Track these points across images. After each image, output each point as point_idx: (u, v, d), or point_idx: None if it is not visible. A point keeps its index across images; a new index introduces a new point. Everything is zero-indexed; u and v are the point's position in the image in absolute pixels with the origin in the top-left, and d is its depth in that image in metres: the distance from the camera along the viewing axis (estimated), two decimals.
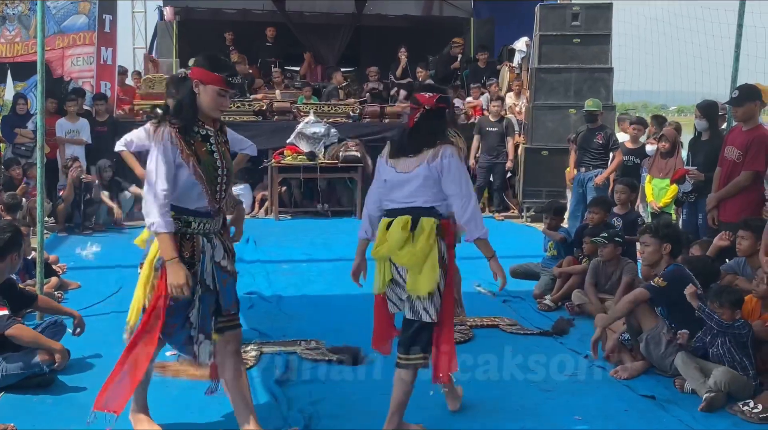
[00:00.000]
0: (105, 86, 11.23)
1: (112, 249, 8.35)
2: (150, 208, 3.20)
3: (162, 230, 3.19)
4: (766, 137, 5.41)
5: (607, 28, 10.55)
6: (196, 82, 3.28)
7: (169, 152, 3.21)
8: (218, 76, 3.26)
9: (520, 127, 11.32)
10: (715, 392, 3.97)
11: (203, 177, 3.29)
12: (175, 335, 3.39)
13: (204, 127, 3.34)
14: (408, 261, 3.46)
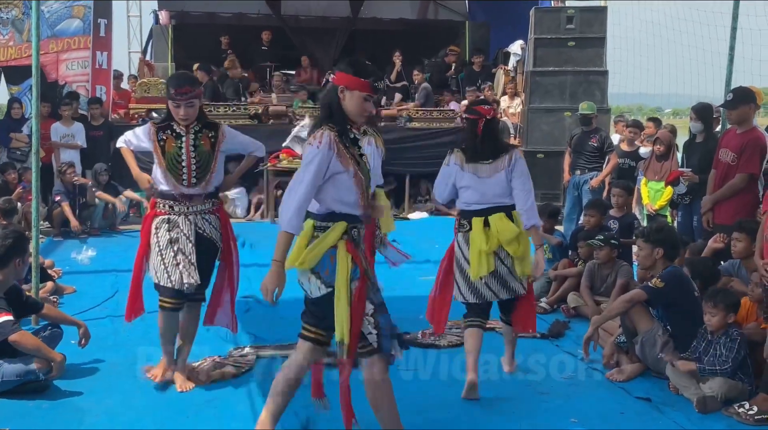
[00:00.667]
0: (100, 90, 11.21)
1: (108, 253, 8.33)
2: (288, 207, 3.11)
3: (290, 231, 3.11)
4: (760, 140, 5.42)
5: (601, 31, 10.58)
6: (341, 88, 3.21)
7: (325, 158, 3.12)
8: (364, 82, 3.19)
9: (516, 130, 11.34)
10: (704, 395, 3.98)
11: (362, 180, 3.22)
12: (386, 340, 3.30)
13: (351, 131, 3.29)
14: (519, 251, 4.16)
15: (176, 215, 4.16)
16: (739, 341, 4.09)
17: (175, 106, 4.09)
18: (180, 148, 4.13)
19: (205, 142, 4.16)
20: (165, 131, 4.17)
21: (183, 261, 4.10)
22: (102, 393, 4.20)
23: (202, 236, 4.19)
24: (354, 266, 3.17)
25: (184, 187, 4.14)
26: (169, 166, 4.13)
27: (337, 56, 14.57)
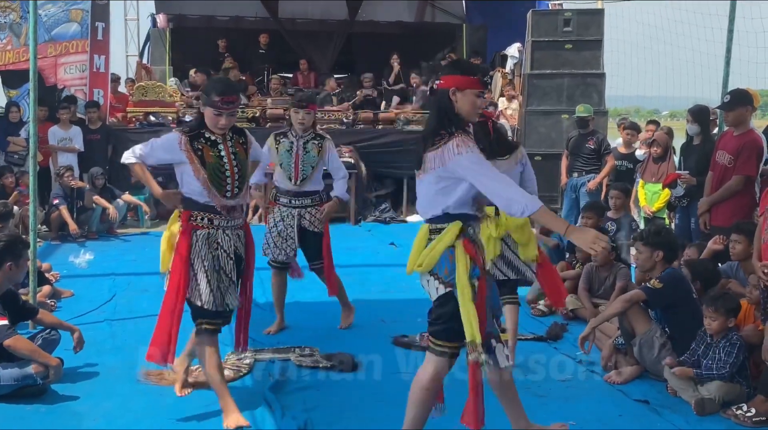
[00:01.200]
0: (98, 94, 11.21)
1: (106, 257, 8.33)
2: (514, 191, 3.06)
3: (537, 205, 3.02)
4: (757, 142, 5.43)
5: (598, 34, 10.59)
6: (452, 90, 3.19)
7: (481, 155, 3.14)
8: (474, 79, 3.21)
9: (513, 132, 11.35)
10: (701, 397, 3.99)
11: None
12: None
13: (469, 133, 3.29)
14: (523, 237, 4.48)
15: (215, 229, 3.86)
16: (739, 345, 4.09)
17: (216, 114, 3.78)
18: (220, 157, 3.83)
19: (239, 149, 3.92)
20: (198, 140, 3.84)
21: (225, 280, 3.87)
22: (100, 397, 4.20)
23: (236, 253, 3.95)
24: (473, 265, 3.19)
25: (227, 199, 3.85)
26: (212, 178, 3.80)
27: (335, 59, 14.60)
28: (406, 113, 11.83)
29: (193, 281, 3.81)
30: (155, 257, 8.89)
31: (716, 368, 4.07)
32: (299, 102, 5.49)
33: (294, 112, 5.44)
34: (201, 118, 3.87)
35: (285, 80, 13.85)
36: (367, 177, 11.30)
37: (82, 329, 4.68)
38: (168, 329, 3.81)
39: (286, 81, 13.92)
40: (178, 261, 3.81)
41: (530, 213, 3.02)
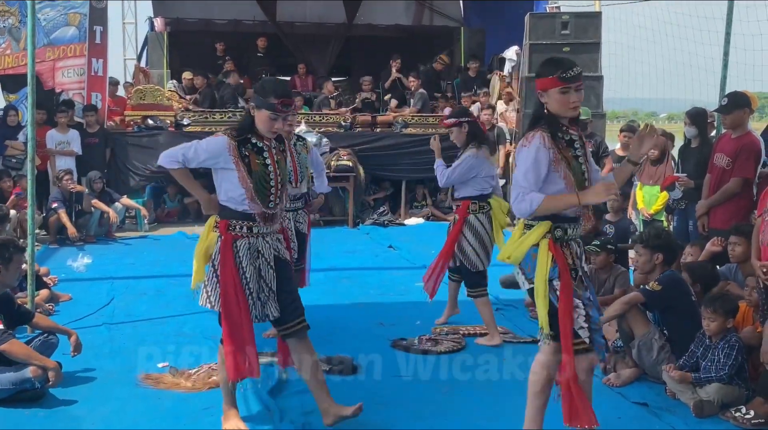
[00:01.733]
0: (96, 97, 11.20)
1: (104, 261, 8.33)
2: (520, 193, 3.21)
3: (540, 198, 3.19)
4: (754, 144, 5.44)
5: (596, 37, 10.60)
6: (540, 93, 3.31)
7: (544, 156, 3.20)
8: (551, 79, 3.23)
9: (511, 135, 11.36)
10: (700, 399, 4.00)
11: (573, 181, 3.26)
12: (597, 338, 3.35)
13: (569, 133, 3.33)
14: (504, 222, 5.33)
15: (254, 238, 3.68)
16: (737, 347, 4.09)
17: (272, 118, 3.57)
18: (266, 165, 3.64)
19: (281, 158, 3.75)
20: (245, 146, 3.62)
21: (264, 290, 3.69)
22: (98, 401, 4.19)
23: (278, 259, 3.76)
24: (554, 265, 3.22)
25: (268, 208, 3.68)
26: (258, 187, 3.61)
27: (332, 62, 14.61)
28: (405, 116, 11.83)
29: (242, 292, 3.64)
30: (154, 261, 8.99)
31: (715, 370, 4.07)
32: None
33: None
34: (250, 121, 3.63)
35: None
36: (365, 180, 11.30)
37: (80, 333, 4.67)
38: (242, 345, 3.63)
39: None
40: (227, 275, 3.60)
41: (536, 206, 3.16)
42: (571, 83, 3.21)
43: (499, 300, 6.50)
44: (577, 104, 3.26)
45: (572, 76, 3.21)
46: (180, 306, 6.37)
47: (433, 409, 4.10)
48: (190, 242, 9.73)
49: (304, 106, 12.16)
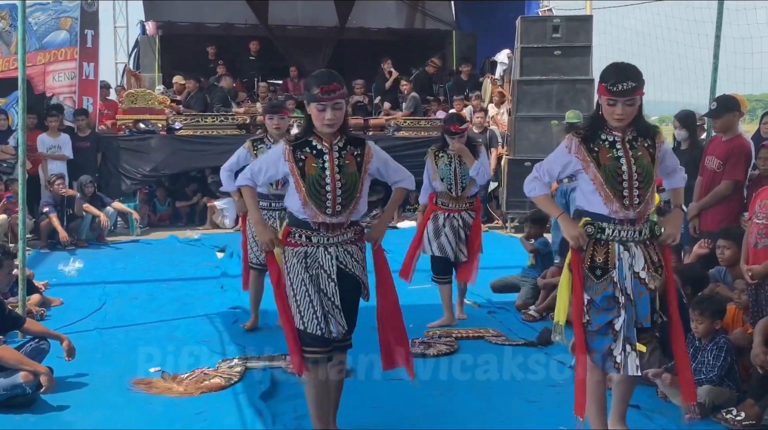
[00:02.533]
0: (87, 101, 11.18)
1: (95, 265, 8.31)
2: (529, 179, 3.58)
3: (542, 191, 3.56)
4: (744, 147, 5.47)
5: (587, 40, 10.64)
6: (599, 95, 3.42)
7: (563, 158, 3.46)
8: (602, 86, 3.34)
9: (503, 138, 11.39)
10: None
11: (602, 181, 3.35)
12: (596, 341, 3.41)
13: (612, 134, 3.41)
14: None
15: (314, 247, 3.47)
16: (726, 348, 4.11)
17: (319, 109, 3.36)
18: (323, 169, 3.41)
19: (350, 162, 3.45)
20: (303, 149, 3.44)
21: (327, 304, 3.44)
22: (89, 407, 4.17)
23: (344, 272, 3.48)
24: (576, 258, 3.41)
25: (327, 216, 3.43)
26: (310, 192, 3.40)
27: (325, 66, 14.60)
28: (397, 119, 11.84)
29: (293, 303, 3.45)
30: (145, 265, 8.98)
31: (705, 371, 4.09)
32: (272, 108, 5.76)
33: (268, 118, 5.64)
34: (309, 122, 3.48)
35: (275, 87, 13.86)
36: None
37: (72, 338, 4.66)
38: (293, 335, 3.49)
39: (276, 88, 13.92)
40: (276, 281, 3.52)
41: (533, 195, 3.54)
42: (617, 97, 3.27)
43: (491, 303, 6.52)
44: (621, 117, 3.31)
45: (619, 91, 3.26)
46: (172, 310, 6.37)
47: (426, 412, 4.11)
48: (181, 246, 9.74)
49: (296, 110, 12.16)
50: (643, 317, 3.38)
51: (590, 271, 3.38)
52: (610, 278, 3.34)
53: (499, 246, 9.41)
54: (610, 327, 3.36)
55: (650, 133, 3.44)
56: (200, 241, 10.01)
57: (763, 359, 3.92)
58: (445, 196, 5.76)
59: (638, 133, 3.42)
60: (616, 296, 3.34)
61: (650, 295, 3.38)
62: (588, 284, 3.38)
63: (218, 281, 7.45)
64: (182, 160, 11.20)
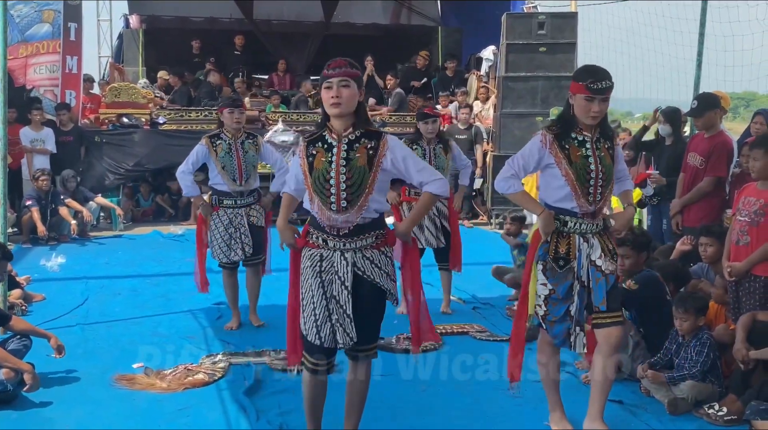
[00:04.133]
0: (70, 95, 11.08)
1: (78, 260, 8.24)
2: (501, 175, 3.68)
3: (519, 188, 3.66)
4: (727, 144, 5.52)
5: (572, 37, 10.68)
6: (570, 95, 3.59)
7: (537, 152, 3.59)
8: (580, 85, 3.50)
9: (488, 134, 11.40)
10: (673, 397, 4.05)
11: (573, 178, 3.51)
12: (556, 328, 3.63)
13: (582, 133, 3.58)
14: None
15: (330, 251, 3.29)
16: (709, 344, 4.14)
17: (327, 87, 3.21)
18: (329, 162, 3.25)
19: (360, 154, 3.24)
20: (316, 144, 3.30)
21: (337, 311, 3.26)
22: (72, 403, 4.14)
23: (361, 279, 3.29)
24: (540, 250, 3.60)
25: (333, 213, 3.25)
26: (315, 187, 3.26)
27: (310, 61, 14.57)
28: (382, 115, 11.83)
29: (302, 306, 3.35)
30: (129, 260, 8.92)
31: (688, 367, 4.12)
32: (232, 102, 5.68)
33: (228, 111, 5.54)
34: (324, 113, 3.33)
35: (260, 82, 13.80)
36: None
37: (54, 334, 4.61)
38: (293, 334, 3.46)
39: (261, 83, 13.87)
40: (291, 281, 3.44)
41: (510, 193, 3.62)
42: (596, 95, 3.47)
43: (476, 299, 6.53)
44: (597, 114, 3.51)
45: (598, 89, 3.47)
46: (155, 306, 6.34)
47: (410, 407, 4.11)
48: (164, 242, 9.68)
49: (282, 105, 12.12)
50: (599, 301, 3.57)
51: (554, 261, 3.58)
52: (571, 268, 3.56)
53: (485, 242, 9.44)
54: (567, 314, 3.60)
55: (610, 134, 3.66)
56: (184, 236, 9.95)
57: (745, 355, 3.95)
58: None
59: (601, 134, 3.61)
60: (573, 287, 3.57)
61: (605, 280, 3.58)
62: (550, 274, 3.59)
63: None
64: (166, 155, 11.11)
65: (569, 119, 3.60)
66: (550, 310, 3.60)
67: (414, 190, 5.80)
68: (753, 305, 4.19)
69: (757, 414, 3.68)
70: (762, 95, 23.83)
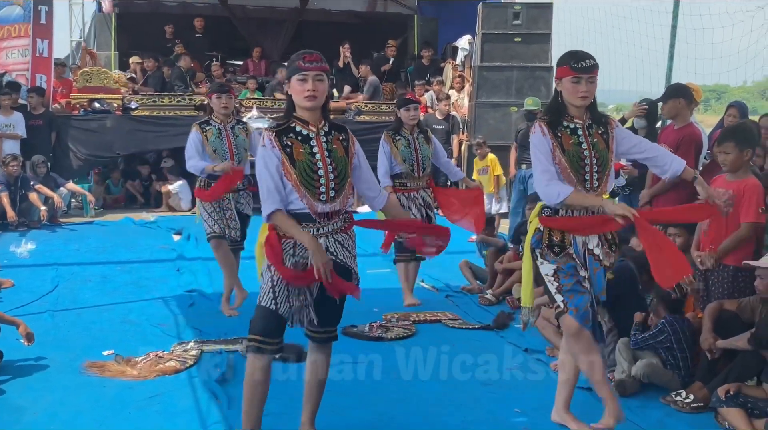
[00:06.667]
0: (41, 79, 10.91)
1: (48, 247, 8.15)
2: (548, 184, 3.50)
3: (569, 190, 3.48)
4: (695, 135, 5.57)
5: (547, 28, 10.73)
6: (557, 82, 3.57)
7: (545, 142, 3.50)
8: (564, 67, 3.48)
9: (463, 124, 11.43)
10: (627, 378, 4.18)
11: (567, 166, 3.48)
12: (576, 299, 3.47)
13: (573, 121, 3.55)
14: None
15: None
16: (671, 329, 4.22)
17: (300, 80, 3.20)
18: (312, 153, 3.25)
19: (337, 146, 3.32)
20: (287, 136, 3.26)
21: (307, 296, 3.32)
22: (41, 390, 4.10)
23: (333, 263, 3.28)
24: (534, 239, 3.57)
25: (321, 203, 3.25)
26: (302, 179, 3.22)
27: (286, 47, 14.46)
28: (357, 103, 11.80)
29: (268, 283, 3.29)
30: (99, 247, 8.83)
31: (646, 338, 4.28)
32: (220, 87, 5.68)
33: (216, 97, 5.51)
34: (289, 103, 3.32)
35: (234, 68, 13.67)
36: None
37: (23, 320, 4.56)
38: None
39: (236, 68, 13.74)
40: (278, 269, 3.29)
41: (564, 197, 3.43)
42: (582, 74, 3.44)
43: (449, 287, 6.57)
44: (586, 95, 3.47)
45: (584, 68, 3.44)
46: (127, 293, 6.29)
47: (382, 395, 4.13)
48: (136, 228, 9.61)
49: (257, 91, 12.03)
50: (599, 292, 3.59)
51: (549, 248, 3.54)
52: (569, 254, 3.52)
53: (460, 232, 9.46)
54: (582, 286, 3.50)
55: (603, 120, 3.61)
56: (156, 223, 9.88)
57: (712, 343, 4.02)
58: (405, 176, 5.76)
59: (593, 120, 3.58)
60: (577, 268, 3.51)
61: (604, 270, 3.58)
62: (549, 258, 3.54)
63: (174, 264, 7.36)
64: (138, 141, 11.00)
65: (558, 107, 3.57)
66: (562, 282, 3.49)
67: (399, 181, 5.77)
68: (722, 294, 4.26)
69: (723, 401, 3.75)
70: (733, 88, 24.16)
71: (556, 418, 3.77)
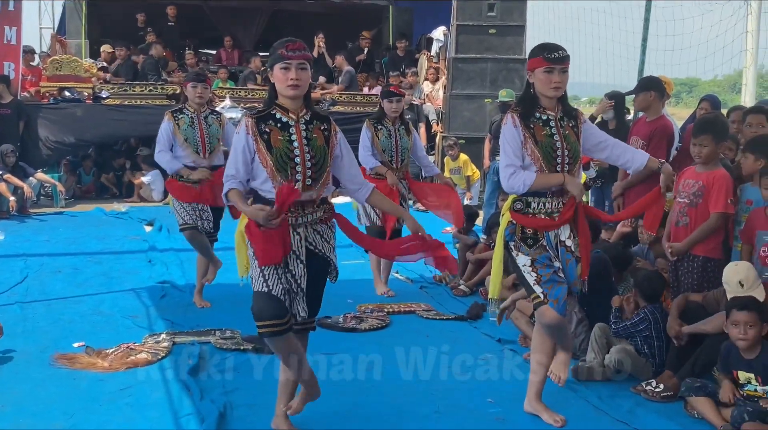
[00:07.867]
0: (9, 67, 10.72)
1: (17, 237, 8.03)
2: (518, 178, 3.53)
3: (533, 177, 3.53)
4: (667, 128, 5.63)
5: (521, 20, 10.78)
6: (530, 74, 3.59)
7: (516, 133, 3.53)
8: (537, 59, 3.51)
9: (438, 116, 11.44)
10: (589, 364, 4.27)
11: (539, 157, 3.50)
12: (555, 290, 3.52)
13: (546, 113, 3.58)
14: None
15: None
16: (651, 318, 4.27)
17: (284, 69, 3.22)
18: (290, 141, 3.24)
19: (318, 135, 3.31)
20: (267, 122, 3.27)
21: (293, 284, 3.28)
22: (10, 383, 4.05)
23: (312, 253, 3.32)
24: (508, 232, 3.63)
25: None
26: (278, 166, 3.22)
27: (259, 37, 14.34)
28: (332, 93, 11.75)
29: (257, 270, 3.24)
30: (70, 238, 8.71)
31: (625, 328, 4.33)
32: (196, 76, 5.64)
33: (191, 86, 5.49)
34: (271, 91, 3.33)
35: (207, 57, 13.53)
36: None
37: None
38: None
39: (209, 58, 13.61)
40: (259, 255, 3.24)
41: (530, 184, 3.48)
42: (555, 64, 3.48)
43: (423, 278, 6.58)
44: (558, 85, 3.51)
45: (556, 58, 3.49)
46: (97, 284, 6.22)
47: (354, 386, 4.13)
48: (107, 219, 9.50)
49: (230, 81, 11.93)
50: (571, 282, 3.65)
51: (522, 241, 3.58)
52: (542, 245, 3.57)
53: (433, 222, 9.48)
54: (558, 276, 3.56)
55: (573, 113, 3.65)
56: (127, 214, 9.78)
57: (678, 330, 4.08)
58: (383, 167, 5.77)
59: (564, 113, 3.62)
60: (552, 259, 3.57)
61: (576, 261, 3.64)
62: (524, 250, 3.59)
63: (146, 255, 7.29)
64: (109, 130, 10.87)
65: (531, 99, 3.59)
66: (540, 272, 3.52)
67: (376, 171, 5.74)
68: (691, 284, 4.32)
69: (692, 391, 3.79)
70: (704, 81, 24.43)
71: (528, 408, 3.80)
